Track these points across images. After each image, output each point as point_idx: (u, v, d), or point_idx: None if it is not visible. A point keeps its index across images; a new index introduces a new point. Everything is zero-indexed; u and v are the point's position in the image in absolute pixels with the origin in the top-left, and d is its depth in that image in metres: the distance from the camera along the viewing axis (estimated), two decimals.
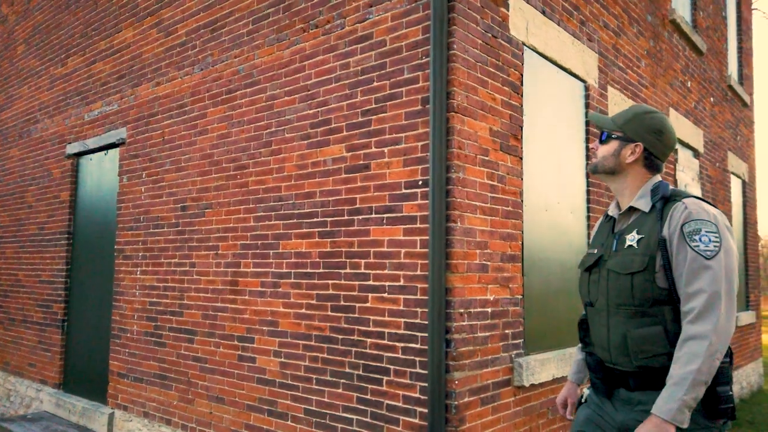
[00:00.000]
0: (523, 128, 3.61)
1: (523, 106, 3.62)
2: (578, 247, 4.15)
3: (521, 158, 3.56)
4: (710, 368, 1.66)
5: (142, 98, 5.14)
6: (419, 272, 3.09)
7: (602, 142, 2.02)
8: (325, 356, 3.49)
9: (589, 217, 4.28)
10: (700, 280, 1.71)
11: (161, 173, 4.85)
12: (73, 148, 5.99)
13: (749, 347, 8.40)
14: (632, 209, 1.95)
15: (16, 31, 7.30)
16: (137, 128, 5.16)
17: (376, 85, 3.39)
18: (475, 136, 3.19)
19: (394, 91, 3.31)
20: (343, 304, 3.43)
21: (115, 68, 5.52)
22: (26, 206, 6.68)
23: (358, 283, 3.37)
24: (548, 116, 3.91)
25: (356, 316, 3.36)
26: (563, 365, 3.72)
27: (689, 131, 6.25)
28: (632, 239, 1.88)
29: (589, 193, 4.30)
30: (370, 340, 3.28)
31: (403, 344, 3.13)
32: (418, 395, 3.04)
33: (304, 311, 3.64)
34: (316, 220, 3.63)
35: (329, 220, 3.56)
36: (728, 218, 7.31)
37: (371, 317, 3.28)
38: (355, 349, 3.34)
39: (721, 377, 1.74)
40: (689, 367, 1.65)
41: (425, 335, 3.04)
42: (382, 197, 3.30)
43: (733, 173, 7.83)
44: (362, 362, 3.30)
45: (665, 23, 5.78)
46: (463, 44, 3.14)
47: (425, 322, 3.04)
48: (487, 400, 3.16)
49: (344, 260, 3.45)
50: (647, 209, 1.89)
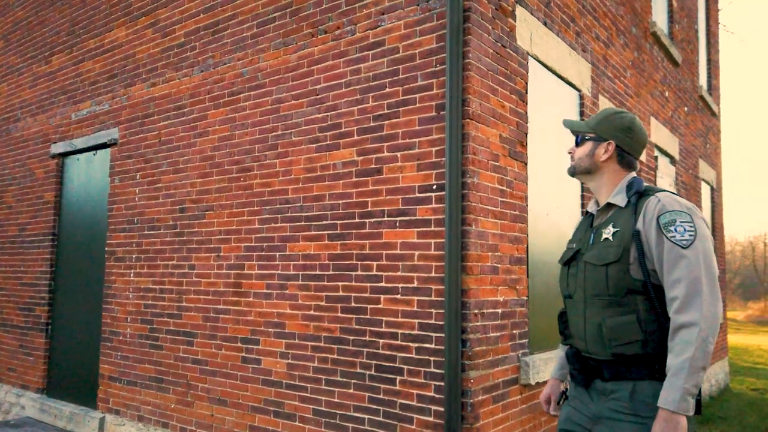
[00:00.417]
0: (527, 135, 3.73)
1: (527, 113, 3.75)
2: None
3: (526, 164, 3.68)
4: (704, 353, 1.71)
5: (136, 98, 5.09)
6: (434, 274, 3.17)
7: (577, 144, 2.12)
8: (335, 357, 3.54)
9: None
10: (679, 268, 1.79)
11: (157, 174, 4.82)
12: (58, 147, 5.87)
13: (716, 347, 8.75)
14: (610, 205, 2.04)
15: None
16: (131, 128, 5.11)
17: (388, 90, 3.46)
18: (487, 142, 3.30)
19: (407, 97, 3.38)
20: (354, 305, 3.48)
21: (105, 67, 5.45)
22: (5, 207, 6.50)
23: (369, 284, 3.43)
24: (548, 123, 4.05)
25: (368, 317, 3.41)
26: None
27: (667, 139, 6.50)
28: (608, 233, 1.95)
29: (583, 197, 4.46)
30: (382, 340, 3.34)
31: (417, 344, 3.20)
32: (432, 394, 3.12)
33: (312, 313, 3.68)
34: (325, 222, 3.67)
35: (339, 222, 3.61)
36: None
37: (384, 318, 3.35)
38: (366, 349, 3.40)
39: None
40: (684, 355, 1.71)
41: (440, 335, 3.12)
42: (395, 201, 3.37)
43: (703, 180, 8.16)
44: (374, 362, 3.36)
45: (647, 35, 6.02)
46: (477, 53, 3.24)
47: (440, 322, 3.12)
48: (497, 398, 3.26)
49: (355, 262, 3.50)
50: (623, 204, 1.97)
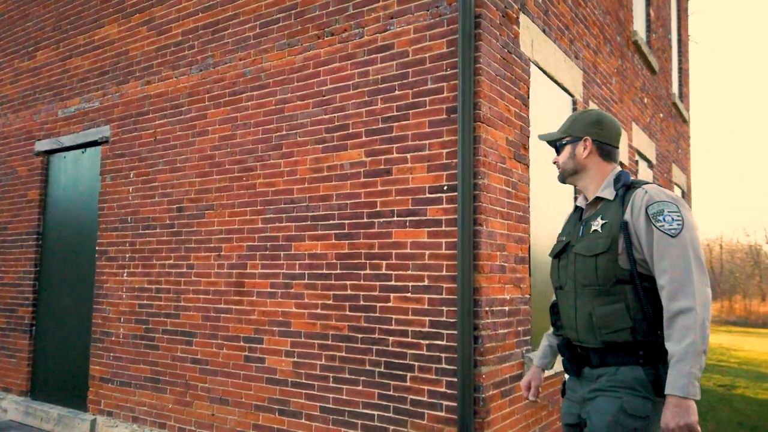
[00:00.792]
0: (529, 138, 3.85)
1: (529, 117, 3.87)
2: None
3: (528, 167, 3.80)
4: (704, 337, 1.77)
5: (129, 96, 5.04)
6: (445, 273, 3.25)
7: (558, 152, 2.24)
8: (343, 355, 3.59)
9: None
10: (669, 256, 1.85)
11: (153, 173, 4.78)
12: (42, 145, 5.76)
13: None
14: (598, 199, 2.13)
15: None
16: (123, 126, 5.05)
17: (397, 93, 3.53)
18: (495, 145, 3.40)
19: (417, 100, 3.46)
20: (362, 303, 3.54)
21: (95, 64, 5.37)
22: None
23: (378, 283, 3.49)
24: (545, 128, 4.18)
25: (377, 315, 3.47)
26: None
27: (645, 144, 6.75)
28: (597, 225, 2.02)
29: (575, 200, 4.61)
30: (392, 338, 3.40)
31: (428, 341, 3.28)
32: (444, 390, 3.20)
33: (319, 311, 3.72)
34: (332, 222, 3.72)
35: (347, 222, 3.66)
36: None
37: (393, 316, 3.41)
38: (376, 347, 3.46)
39: (666, 359, 1.89)
40: (686, 341, 1.77)
41: (452, 332, 3.20)
42: (404, 201, 3.44)
43: (676, 184, 8.48)
44: (384, 359, 3.42)
45: (629, 44, 6.24)
46: (487, 59, 3.34)
47: (451, 320, 3.21)
48: (505, 393, 3.36)
49: (364, 261, 3.56)
50: (612, 197, 2.05)
